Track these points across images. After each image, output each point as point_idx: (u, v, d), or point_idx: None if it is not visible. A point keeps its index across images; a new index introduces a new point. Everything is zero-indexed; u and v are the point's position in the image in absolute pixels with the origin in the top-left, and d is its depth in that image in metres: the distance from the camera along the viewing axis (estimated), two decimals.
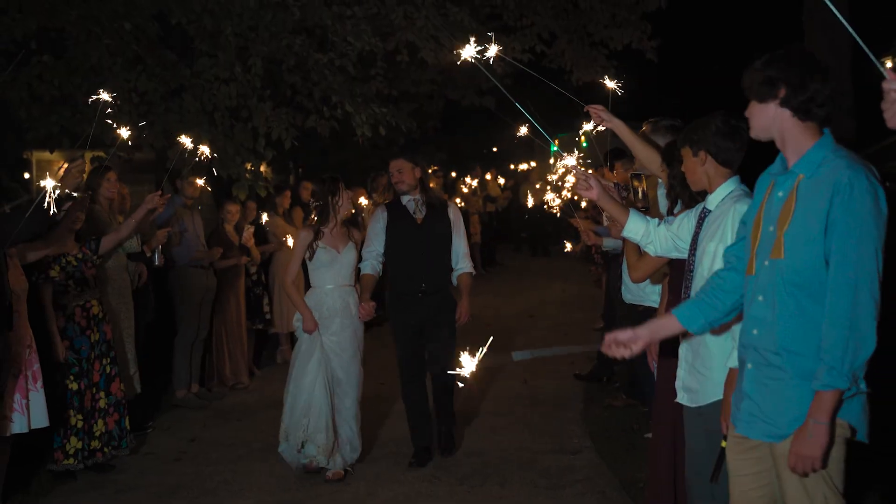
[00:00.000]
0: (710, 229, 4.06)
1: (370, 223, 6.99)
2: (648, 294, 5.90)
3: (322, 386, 6.40)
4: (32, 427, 5.90)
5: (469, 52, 4.18)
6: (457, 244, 6.86)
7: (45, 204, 4.84)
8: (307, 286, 6.84)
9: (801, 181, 3.23)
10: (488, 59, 4.20)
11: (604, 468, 6.52)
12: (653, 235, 4.44)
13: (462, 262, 6.87)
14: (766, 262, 3.30)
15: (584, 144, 5.47)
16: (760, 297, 3.32)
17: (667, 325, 3.70)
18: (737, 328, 3.79)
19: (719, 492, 3.99)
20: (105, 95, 5.65)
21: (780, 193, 3.30)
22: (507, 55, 5.05)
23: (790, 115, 3.26)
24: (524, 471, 6.51)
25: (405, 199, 6.83)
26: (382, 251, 6.80)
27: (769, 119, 3.32)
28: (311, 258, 6.60)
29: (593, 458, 6.77)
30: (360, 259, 6.84)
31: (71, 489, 6.39)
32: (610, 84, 5.18)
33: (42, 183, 4.87)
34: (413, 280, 6.74)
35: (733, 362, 3.81)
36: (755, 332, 3.35)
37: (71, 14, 8.53)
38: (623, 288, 6.23)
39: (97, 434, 6.68)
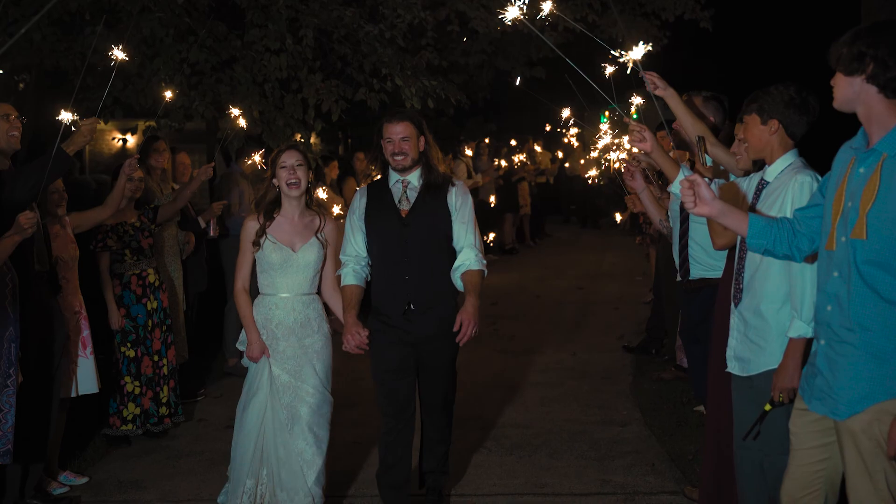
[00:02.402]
0: (769, 200, 4.00)
1: (347, 213, 5.28)
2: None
3: (273, 427, 5.04)
4: (80, 393, 6.00)
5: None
6: (459, 233, 5.02)
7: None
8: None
9: (885, 160, 3.14)
10: (539, 24, 4.12)
11: (653, 440, 6.51)
12: None
13: (466, 255, 5.00)
14: (844, 239, 3.23)
15: (635, 116, 5.36)
16: (836, 273, 3.27)
17: (736, 219, 3.56)
18: (797, 298, 3.77)
19: (768, 464, 3.98)
20: (120, 53, 5.51)
21: (862, 170, 3.22)
22: (558, 23, 4.95)
23: (876, 92, 3.18)
24: (573, 442, 6.51)
25: (392, 181, 5.09)
26: (365, 252, 5.13)
27: (853, 93, 3.23)
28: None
29: (642, 430, 6.76)
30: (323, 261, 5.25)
31: (125, 454, 6.50)
32: (636, 54, 4.57)
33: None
34: (395, 296, 5.02)
35: (793, 332, 3.78)
36: (829, 308, 3.31)
37: None
38: (691, 261, 5.64)
39: (164, 400, 6.81)
